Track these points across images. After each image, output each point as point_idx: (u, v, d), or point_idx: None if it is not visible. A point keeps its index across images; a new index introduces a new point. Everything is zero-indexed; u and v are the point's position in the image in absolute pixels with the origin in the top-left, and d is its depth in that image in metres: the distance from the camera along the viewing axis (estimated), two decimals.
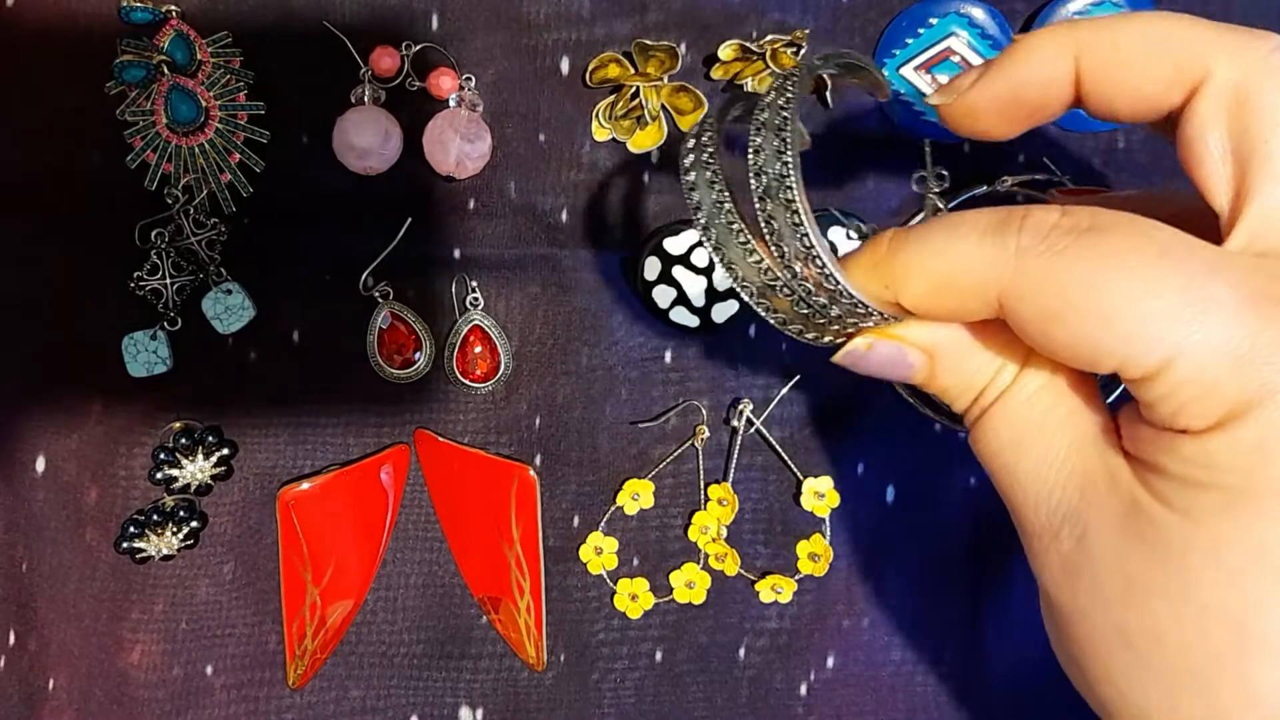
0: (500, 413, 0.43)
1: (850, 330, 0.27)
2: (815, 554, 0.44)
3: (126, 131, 0.40)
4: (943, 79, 0.41)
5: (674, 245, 0.41)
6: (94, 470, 0.42)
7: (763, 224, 0.25)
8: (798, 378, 0.43)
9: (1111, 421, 0.26)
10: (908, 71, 0.41)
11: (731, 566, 0.43)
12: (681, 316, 0.42)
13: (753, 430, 0.43)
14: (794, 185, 0.24)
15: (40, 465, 0.42)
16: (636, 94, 0.40)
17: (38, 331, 0.41)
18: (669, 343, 0.43)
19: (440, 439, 0.43)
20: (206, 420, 0.42)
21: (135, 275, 0.40)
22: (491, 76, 0.41)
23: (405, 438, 0.43)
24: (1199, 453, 0.22)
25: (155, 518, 0.41)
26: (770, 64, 0.39)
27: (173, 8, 0.40)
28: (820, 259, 0.24)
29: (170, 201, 0.40)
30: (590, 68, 0.40)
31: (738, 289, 0.26)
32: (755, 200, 0.25)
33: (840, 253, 0.41)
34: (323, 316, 0.42)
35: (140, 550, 0.42)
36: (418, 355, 0.42)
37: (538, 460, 0.43)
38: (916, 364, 0.27)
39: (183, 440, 0.41)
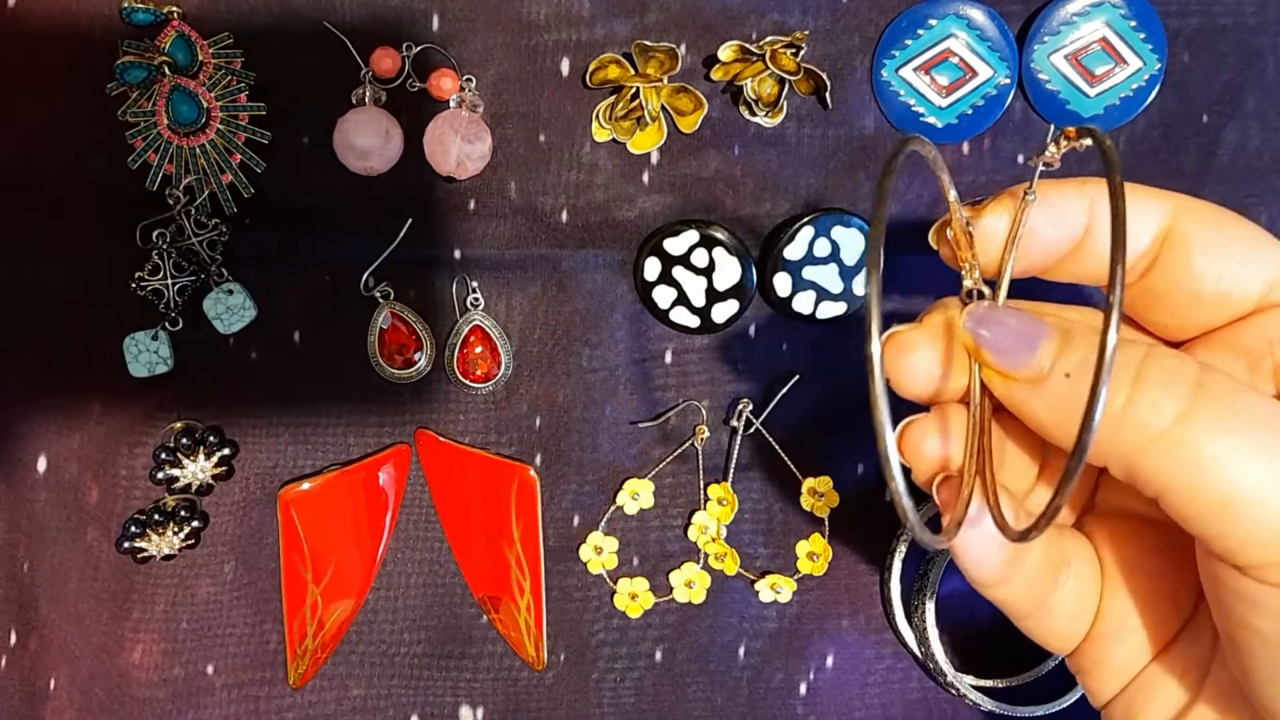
0: (500, 413, 0.43)
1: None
2: (815, 553, 0.44)
3: (128, 132, 0.40)
4: (942, 80, 0.41)
5: (674, 246, 0.41)
6: (95, 470, 0.42)
7: None
8: (797, 378, 0.43)
9: None
10: (907, 72, 0.41)
11: (731, 566, 0.43)
12: (681, 316, 0.42)
13: (752, 430, 0.43)
14: None
15: (42, 465, 0.42)
16: (636, 95, 0.40)
17: (39, 332, 0.42)
18: (669, 343, 0.43)
19: (441, 439, 0.43)
20: (208, 420, 0.42)
21: (137, 275, 0.40)
22: (492, 77, 0.41)
23: (406, 438, 0.43)
24: None
25: (156, 517, 0.41)
26: (770, 65, 0.39)
27: (174, 9, 0.40)
28: None
29: (172, 202, 0.40)
30: (590, 68, 0.40)
31: None
32: None
33: (841, 252, 0.41)
34: (324, 317, 0.42)
35: (141, 550, 0.42)
36: (418, 355, 0.42)
37: (538, 460, 0.43)
38: (1051, 336, 0.24)
39: (184, 440, 0.41)
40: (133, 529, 0.41)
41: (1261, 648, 0.23)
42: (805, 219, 0.41)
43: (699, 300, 0.42)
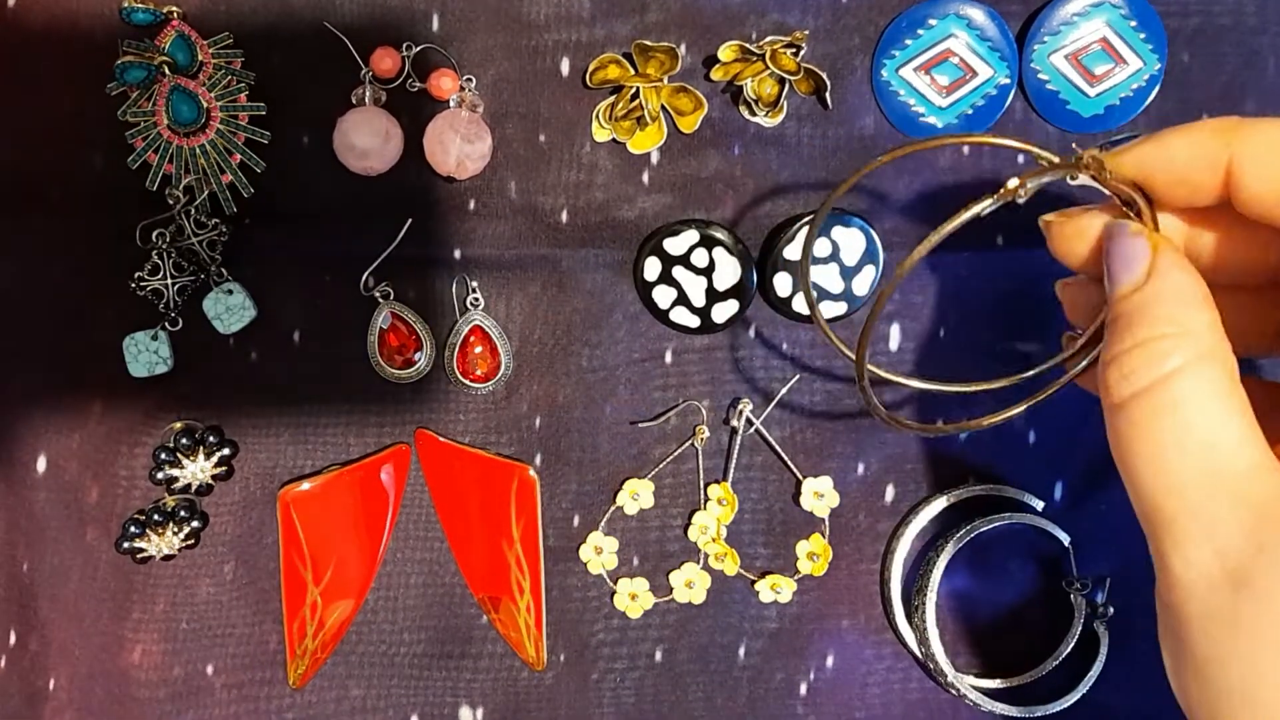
0: (500, 413, 0.43)
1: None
2: (815, 554, 0.44)
3: (128, 132, 0.40)
4: (942, 80, 0.41)
5: (674, 246, 0.41)
6: (95, 470, 0.42)
7: None
8: (797, 378, 0.43)
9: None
10: (907, 72, 0.41)
11: (731, 566, 0.43)
12: (681, 316, 0.42)
13: (752, 430, 0.43)
14: None
15: (41, 465, 0.42)
16: (636, 95, 0.40)
17: (39, 331, 0.42)
18: (669, 343, 0.43)
19: (441, 439, 0.43)
20: (207, 420, 0.42)
21: (136, 276, 0.40)
22: (492, 77, 0.41)
23: (406, 438, 0.43)
24: None
25: (156, 517, 0.41)
26: (770, 65, 0.39)
27: (174, 9, 0.40)
28: None
29: (171, 202, 0.40)
30: (590, 68, 0.40)
31: None
32: None
33: (841, 252, 0.42)
34: (323, 317, 0.42)
35: (141, 550, 0.42)
36: (418, 355, 0.42)
37: (538, 460, 0.43)
38: (1138, 272, 0.26)
39: (184, 440, 0.41)
40: (132, 529, 0.41)
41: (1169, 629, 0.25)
42: (805, 219, 0.41)
43: (699, 300, 0.42)
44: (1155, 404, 0.24)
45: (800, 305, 0.42)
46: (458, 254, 0.42)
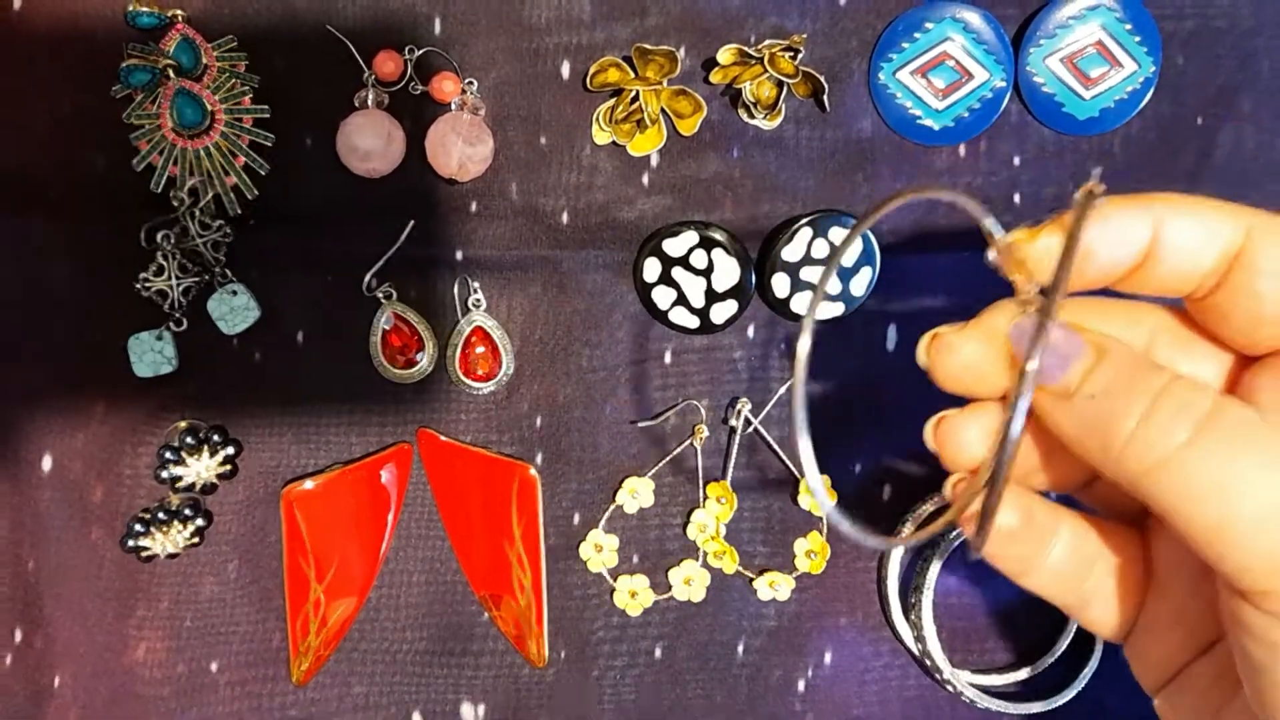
0: (502, 412, 0.44)
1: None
2: (813, 551, 0.44)
3: (132, 135, 0.40)
4: (938, 83, 0.42)
5: (673, 247, 0.42)
6: (100, 469, 0.43)
7: None
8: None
9: None
10: (904, 75, 0.42)
11: (730, 564, 0.44)
12: (681, 317, 0.43)
13: (751, 429, 0.44)
14: None
15: (46, 464, 0.42)
16: (636, 97, 0.40)
17: (44, 332, 0.42)
18: (668, 343, 0.44)
19: (442, 438, 0.43)
20: (211, 420, 0.43)
21: (141, 277, 0.40)
22: (493, 80, 0.42)
23: (408, 437, 0.44)
24: None
25: (160, 516, 0.42)
26: (768, 68, 0.39)
27: (178, 12, 0.40)
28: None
29: (176, 204, 0.40)
30: (590, 71, 0.40)
31: None
32: None
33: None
34: (326, 317, 0.43)
35: (145, 548, 0.42)
36: (420, 356, 0.42)
37: (539, 459, 0.44)
38: (1086, 356, 0.24)
39: (188, 439, 0.42)
40: (137, 528, 0.42)
41: (1256, 674, 0.23)
42: (803, 220, 0.42)
43: (698, 301, 0.42)
44: (1219, 438, 0.23)
45: (798, 305, 0.42)
46: (459, 255, 0.43)
